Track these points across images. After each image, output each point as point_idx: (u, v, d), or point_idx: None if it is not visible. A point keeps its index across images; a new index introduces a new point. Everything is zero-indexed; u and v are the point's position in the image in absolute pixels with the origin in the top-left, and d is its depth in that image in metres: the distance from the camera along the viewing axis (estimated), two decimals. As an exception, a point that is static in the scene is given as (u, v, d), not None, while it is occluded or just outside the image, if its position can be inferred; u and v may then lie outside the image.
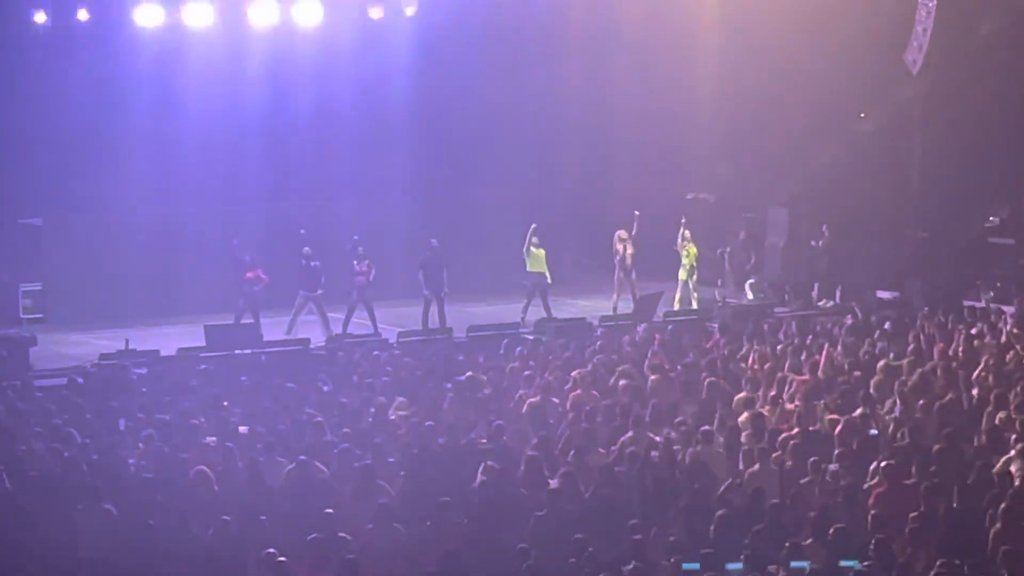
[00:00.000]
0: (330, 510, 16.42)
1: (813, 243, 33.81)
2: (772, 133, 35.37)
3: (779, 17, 33.75)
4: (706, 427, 19.31)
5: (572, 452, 18.66)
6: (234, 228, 31.30)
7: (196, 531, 16.21)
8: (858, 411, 20.41)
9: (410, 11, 33.47)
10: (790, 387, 21.80)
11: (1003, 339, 24.41)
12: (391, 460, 18.83)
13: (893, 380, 22.02)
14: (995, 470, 17.75)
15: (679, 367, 23.39)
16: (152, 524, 16.18)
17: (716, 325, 27.89)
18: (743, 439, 19.28)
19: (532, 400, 21.45)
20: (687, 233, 32.41)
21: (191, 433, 19.95)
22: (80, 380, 23.87)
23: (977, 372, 22.36)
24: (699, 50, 35.11)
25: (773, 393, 21.60)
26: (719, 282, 34.10)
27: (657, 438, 19.32)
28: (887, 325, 26.17)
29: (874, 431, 19.81)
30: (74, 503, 16.92)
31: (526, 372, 23.23)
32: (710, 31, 34.94)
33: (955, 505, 16.53)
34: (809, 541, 15.51)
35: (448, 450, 19.15)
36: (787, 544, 15.27)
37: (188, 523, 16.23)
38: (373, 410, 21.12)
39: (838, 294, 32.52)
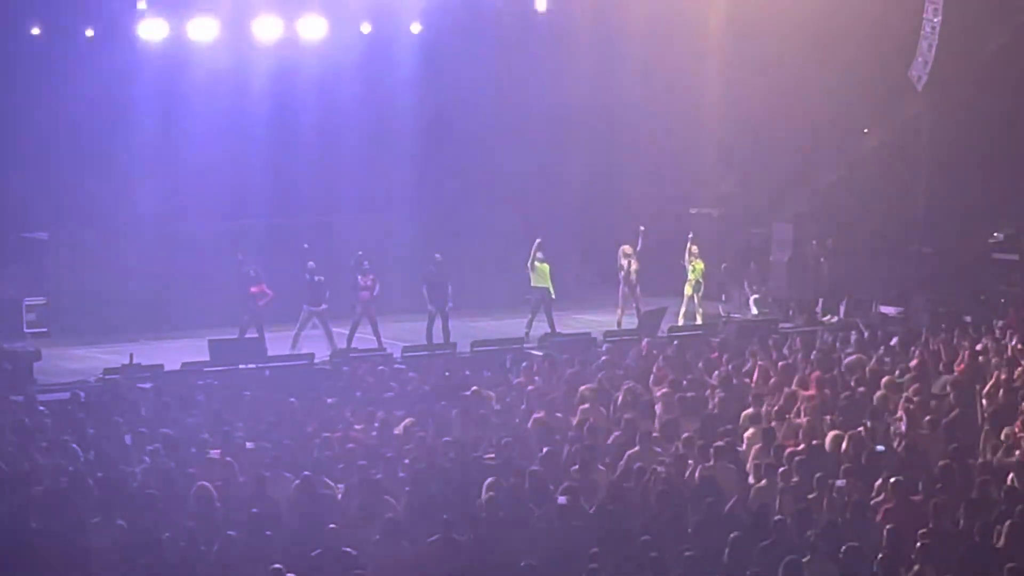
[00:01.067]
0: (334, 525, 16.36)
1: (822, 260, 33.89)
2: (777, 148, 35.40)
3: (785, 33, 33.81)
4: (719, 443, 19.24)
5: (577, 468, 18.62)
6: (239, 242, 31.29)
7: (202, 547, 16.14)
8: (864, 427, 20.37)
9: (415, 28, 33.72)
10: (796, 402, 21.75)
11: (1008, 354, 24.37)
12: (401, 476, 18.74)
13: (898, 396, 22.00)
14: (1004, 486, 17.72)
15: (684, 382, 23.34)
16: (163, 540, 16.11)
17: (719, 340, 27.84)
18: (751, 454, 19.25)
19: (537, 416, 21.40)
20: (694, 248, 32.40)
21: (196, 448, 19.90)
22: (83, 395, 23.85)
23: (986, 388, 22.31)
24: (705, 66, 35.17)
25: (779, 409, 21.53)
26: (723, 297, 34.09)
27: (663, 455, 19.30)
28: (893, 341, 26.14)
29: (880, 447, 19.76)
30: (84, 519, 16.85)
31: (530, 387, 23.20)
32: (716, 47, 34.98)
33: (963, 521, 16.46)
34: (808, 559, 15.44)
35: (454, 465, 19.10)
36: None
37: (195, 539, 16.17)
38: (378, 425, 21.09)
39: (842, 309, 32.48)
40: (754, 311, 33.37)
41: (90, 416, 22.04)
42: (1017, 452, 19.28)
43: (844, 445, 19.57)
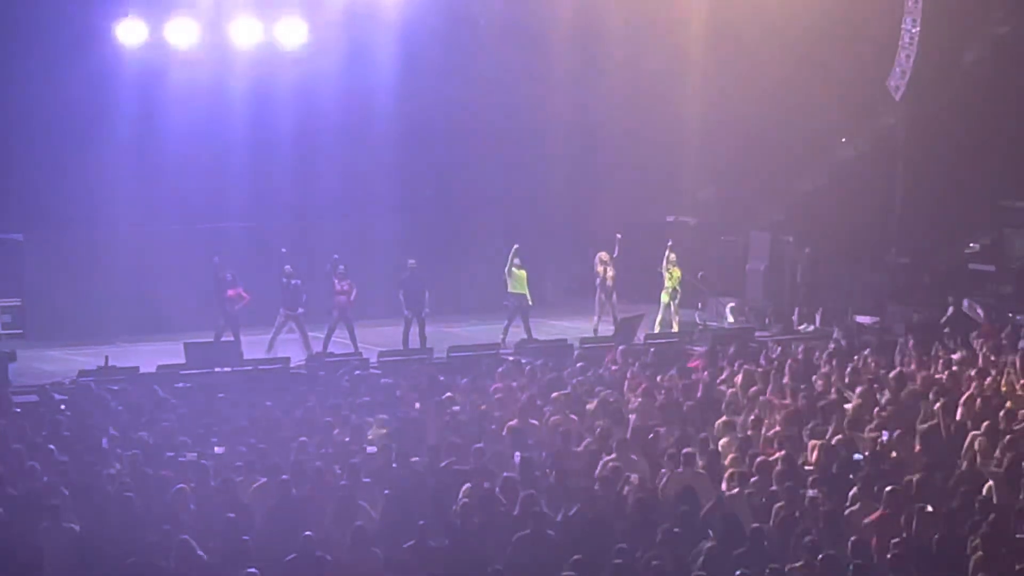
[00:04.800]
0: (310, 532, 16.31)
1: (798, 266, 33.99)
2: (755, 157, 35.45)
3: (764, 43, 33.87)
4: (688, 449, 19.26)
5: (552, 474, 18.62)
6: (216, 246, 31.23)
7: (176, 552, 16.09)
8: (838, 436, 20.39)
9: (395, 32, 33.73)
10: (772, 412, 21.77)
11: (981, 364, 24.44)
12: (367, 480, 18.69)
13: (874, 405, 22.04)
14: (978, 496, 17.75)
15: (662, 390, 23.36)
16: (139, 543, 16.05)
17: (701, 349, 27.82)
18: (726, 463, 19.26)
19: (511, 423, 21.38)
20: (672, 256, 32.39)
21: (170, 451, 19.84)
22: (57, 396, 23.77)
23: (961, 398, 22.34)
24: (684, 74, 35.22)
25: (754, 418, 21.55)
26: (699, 305, 34.12)
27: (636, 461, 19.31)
28: (867, 350, 26.19)
29: (857, 456, 19.77)
30: (39, 521, 16.78)
31: (506, 393, 23.17)
32: (695, 56, 35.03)
33: (937, 532, 16.49)
34: (800, 564, 15.46)
35: (429, 471, 19.08)
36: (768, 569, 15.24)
37: (171, 542, 16.13)
38: (352, 430, 21.04)
39: (818, 318, 32.53)
40: (730, 319, 33.40)
41: (64, 418, 21.96)
42: (990, 462, 19.33)
43: (816, 455, 19.61)
